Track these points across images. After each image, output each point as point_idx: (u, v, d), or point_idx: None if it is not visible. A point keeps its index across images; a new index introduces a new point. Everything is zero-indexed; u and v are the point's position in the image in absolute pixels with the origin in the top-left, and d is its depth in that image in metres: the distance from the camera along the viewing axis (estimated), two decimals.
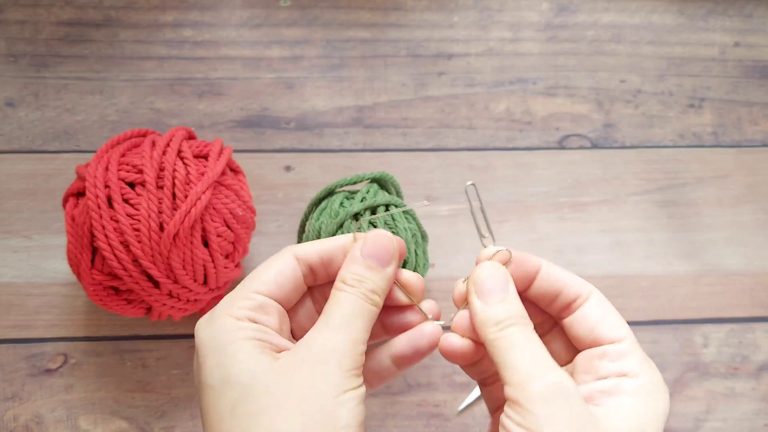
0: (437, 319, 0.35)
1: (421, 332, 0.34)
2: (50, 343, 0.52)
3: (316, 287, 0.35)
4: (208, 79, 0.60)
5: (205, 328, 0.31)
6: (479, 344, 0.33)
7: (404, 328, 0.35)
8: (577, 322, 0.33)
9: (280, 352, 0.30)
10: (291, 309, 0.33)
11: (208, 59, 0.60)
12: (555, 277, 0.33)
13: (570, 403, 0.29)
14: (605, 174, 0.59)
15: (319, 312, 0.34)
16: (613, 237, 0.57)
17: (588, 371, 0.32)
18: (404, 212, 0.49)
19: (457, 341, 0.33)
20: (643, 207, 0.58)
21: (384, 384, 0.35)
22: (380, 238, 0.33)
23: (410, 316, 0.35)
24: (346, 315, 0.31)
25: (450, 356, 0.33)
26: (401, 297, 0.34)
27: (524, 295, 0.34)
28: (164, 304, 0.46)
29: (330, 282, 0.33)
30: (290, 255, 0.33)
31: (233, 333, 0.30)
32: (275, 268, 0.32)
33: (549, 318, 0.35)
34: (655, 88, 0.61)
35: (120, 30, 0.60)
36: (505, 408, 0.29)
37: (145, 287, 0.44)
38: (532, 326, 0.31)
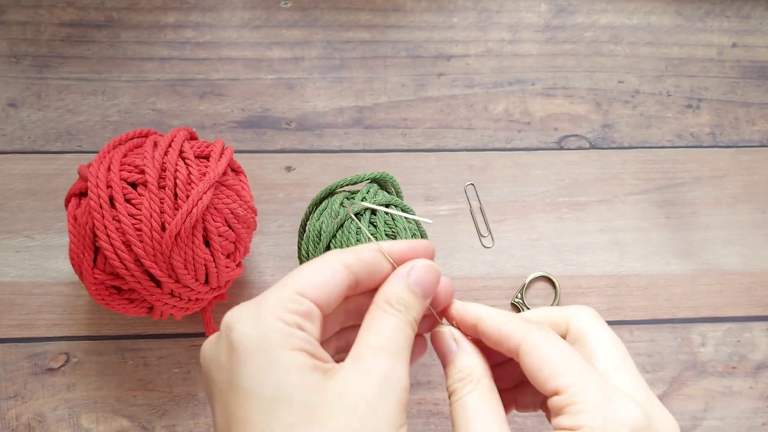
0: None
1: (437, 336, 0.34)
2: (52, 342, 0.52)
3: (351, 297, 0.33)
4: (209, 80, 0.60)
5: (249, 324, 0.28)
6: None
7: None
8: (524, 369, 0.30)
9: (325, 365, 0.29)
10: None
11: (209, 60, 0.60)
12: (493, 321, 0.32)
13: None
14: (603, 174, 0.59)
15: (350, 322, 0.33)
16: (611, 236, 0.57)
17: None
18: (404, 212, 0.49)
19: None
20: (641, 207, 0.58)
21: None
22: (430, 269, 0.32)
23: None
24: (401, 343, 0.29)
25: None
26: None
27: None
28: (166, 304, 0.46)
29: (366, 293, 0.32)
30: (339, 263, 0.30)
31: (283, 338, 0.28)
32: (325, 276, 0.30)
33: None
34: (653, 88, 0.62)
35: (122, 31, 0.61)
36: None
37: (146, 287, 0.44)
38: (479, 381, 0.31)
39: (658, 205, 0.58)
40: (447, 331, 0.33)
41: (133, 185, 0.44)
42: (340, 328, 0.34)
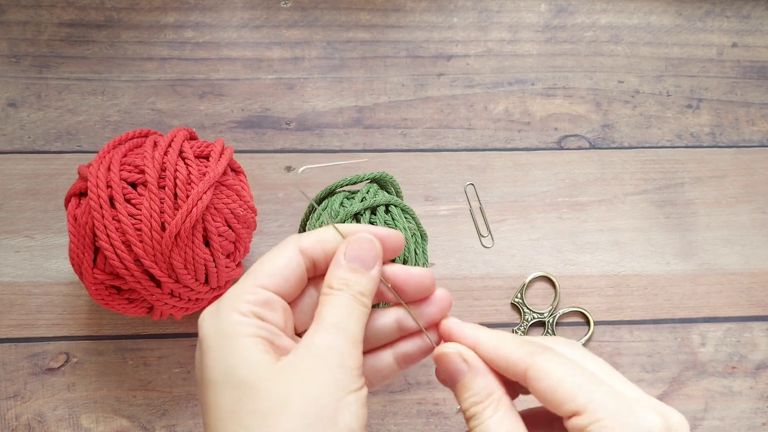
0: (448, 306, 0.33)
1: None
2: (52, 342, 0.52)
3: (318, 277, 0.34)
4: (209, 80, 0.60)
5: (210, 320, 0.30)
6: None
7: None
8: (534, 394, 0.30)
9: (284, 352, 0.30)
10: (294, 301, 0.33)
11: (209, 60, 0.60)
12: (493, 345, 0.31)
13: None
14: (603, 174, 0.59)
15: None
16: (611, 237, 0.57)
17: None
18: (404, 212, 0.49)
19: None
20: (641, 207, 0.58)
21: (385, 383, 0.35)
22: (361, 242, 0.32)
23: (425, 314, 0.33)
24: (340, 315, 0.30)
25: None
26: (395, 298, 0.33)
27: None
28: (166, 304, 0.46)
29: None
30: (294, 248, 0.32)
31: (238, 328, 0.29)
32: (280, 262, 0.31)
33: None
34: (653, 88, 0.62)
35: (121, 31, 0.61)
36: None
37: (146, 287, 0.44)
38: (497, 402, 0.30)
39: (658, 205, 0.58)
40: (454, 351, 0.31)
41: (133, 185, 0.44)
42: None
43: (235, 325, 0.30)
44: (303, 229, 0.51)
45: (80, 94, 0.59)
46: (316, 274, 0.33)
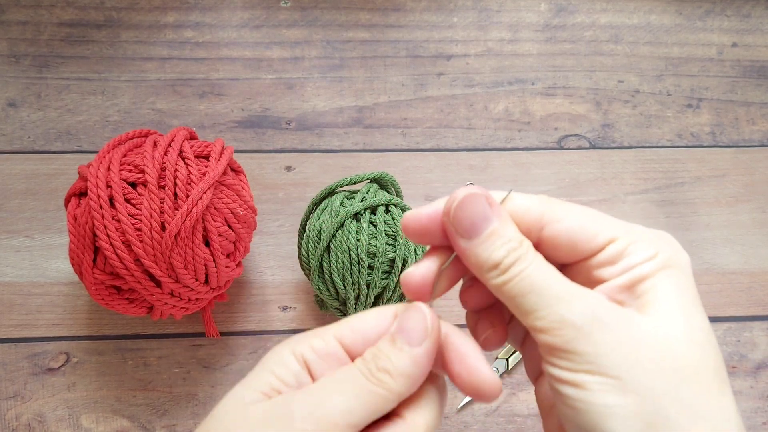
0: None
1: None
2: (52, 342, 0.52)
3: None
4: (209, 80, 0.60)
5: (276, 349, 0.27)
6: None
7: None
8: (553, 237, 0.27)
9: None
10: None
11: (209, 60, 0.60)
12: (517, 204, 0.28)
13: (613, 325, 0.25)
14: (603, 174, 0.59)
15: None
16: None
17: (591, 282, 0.27)
18: (404, 212, 0.49)
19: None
20: (642, 206, 0.58)
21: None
22: (411, 312, 0.27)
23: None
24: (334, 391, 0.25)
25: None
26: None
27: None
28: (166, 304, 0.46)
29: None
30: (392, 315, 0.27)
31: (274, 362, 0.26)
32: (370, 322, 0.27)
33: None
34: (653, 88, 0.62)
35: (121, 31, 0.61)
36: (547, 358, 0.25)
37: (146, 286, 0.44)
38: (532, 248, 0.27)
39: (658, 204, 0.58)
40: (481, 191, 0.27)
41: (133, 185, 0.44)
42: None
43: (275, 360, 0.26)
44: (303, 229, 0.51)
45: (80, 94, 0.59)
46: None
